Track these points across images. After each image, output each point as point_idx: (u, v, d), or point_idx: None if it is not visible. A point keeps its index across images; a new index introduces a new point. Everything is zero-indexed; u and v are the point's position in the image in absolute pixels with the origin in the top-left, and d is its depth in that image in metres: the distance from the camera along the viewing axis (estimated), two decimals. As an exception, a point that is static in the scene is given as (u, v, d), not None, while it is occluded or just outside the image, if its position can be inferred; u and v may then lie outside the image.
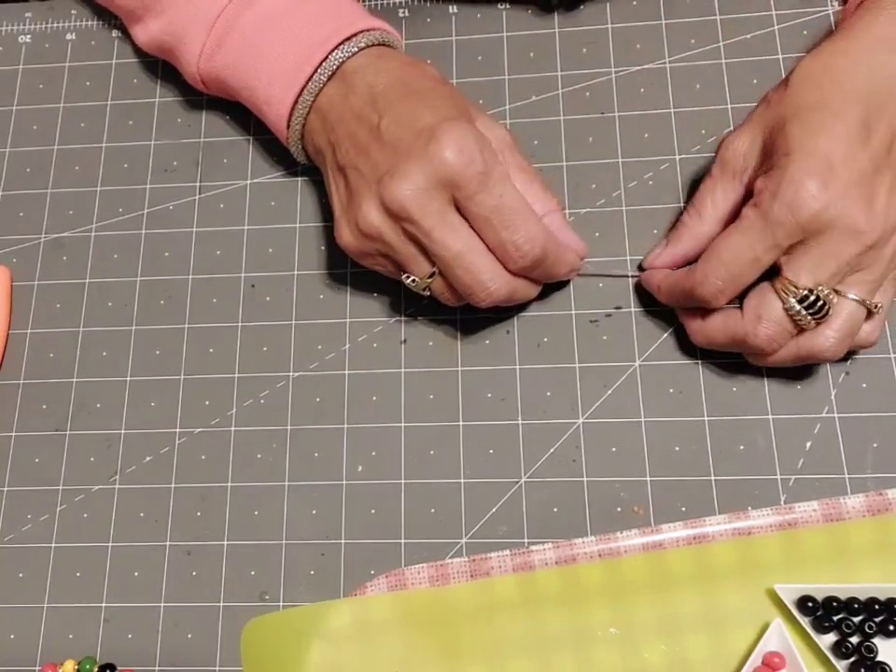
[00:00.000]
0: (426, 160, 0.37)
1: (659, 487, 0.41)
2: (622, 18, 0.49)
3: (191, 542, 0.43)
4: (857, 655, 0.36)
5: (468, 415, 0.43)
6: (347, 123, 0.41)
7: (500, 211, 0.38)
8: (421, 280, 0.40)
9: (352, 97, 0.41)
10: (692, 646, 0.37)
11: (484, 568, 0.38)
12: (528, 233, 0.38)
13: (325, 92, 0.42)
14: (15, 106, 0.52)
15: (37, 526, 0.44)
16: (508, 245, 0.38)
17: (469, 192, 0.37)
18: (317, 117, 0.43)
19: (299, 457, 0.43)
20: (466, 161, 0.37)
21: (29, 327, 0.47)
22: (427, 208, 0.37)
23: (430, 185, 0.37)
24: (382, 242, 0.39)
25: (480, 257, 0.38)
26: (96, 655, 0.41)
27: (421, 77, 0.41)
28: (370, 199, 0.39)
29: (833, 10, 0.48)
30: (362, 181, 0.39)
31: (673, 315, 0.43)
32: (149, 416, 0.45)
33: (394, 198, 0.37)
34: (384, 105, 0.40)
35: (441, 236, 0.38)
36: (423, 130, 0.38)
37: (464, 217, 0.38)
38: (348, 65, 0.42)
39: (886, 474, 0.40)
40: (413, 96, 0.40)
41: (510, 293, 0.39)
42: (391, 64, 0.42)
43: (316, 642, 0.38)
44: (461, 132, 0.37)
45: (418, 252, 0.39)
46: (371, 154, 0.39)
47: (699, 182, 0.42)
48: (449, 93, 0.41)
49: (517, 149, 0.42)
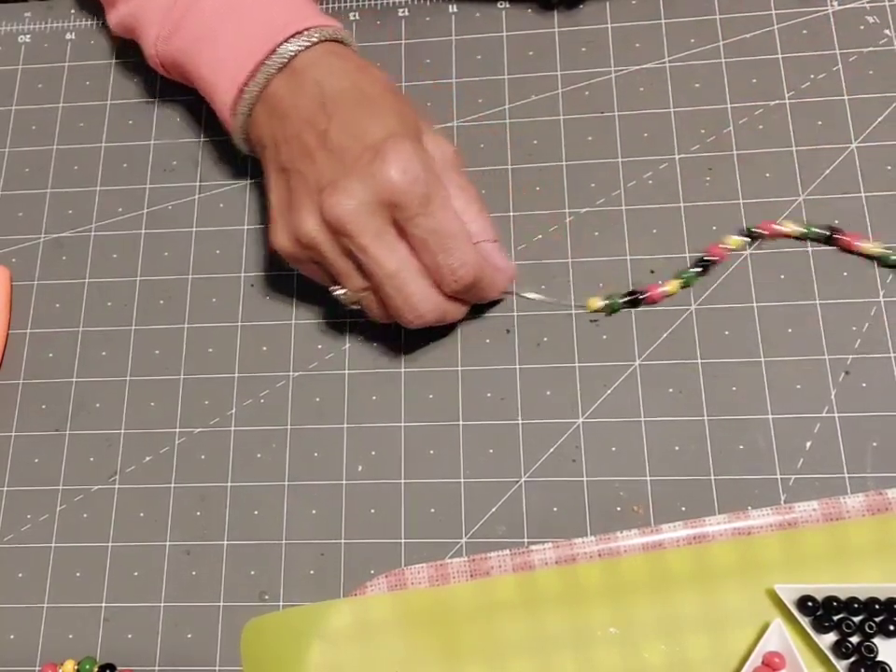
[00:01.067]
0: (369, 177, 0.37)
1: (659, 487, 0.41)
2: (621, 17, 0.49)
3: (191, 542, 0.43)
4: (857, 655, 0.36)
5: (467, 415, 0.43)
6: (294, 123, 0.40)
7: (438, 234, 0.38)
8: (352, 294, 0.40)
9: (301, 95, 0.41)
10: (692, 646, 0.37)
11: (484, 568, 0.38)
12: (464, 258, 0.38)
13: (273, 85, 0.42)
14: (14, 106, 0.52)
15: (37, 526, 0.44)
16: (443, 268, 0.38)
17: (410, 214, 0.38)
18: (264, 109, 0.42)
19: (299, 457, 0.43)
20: (409, 182, 0.37)
21: (29, 327, 0.47)
22: (366, 225, 0.37)
23: (371, 202, 0.37)
24: (317, 252, 0.39)
25: (413, 278, 0.39)
26: (96, 655, 0.41)
27: (372, 83, 0.41)
28: (309, 208, 0.39)
29: (832, 10, 0.48)
30: (304, 188, 0.39)
31: (673, 315, 0.43)
32: (149, 416, 0.45)
33: (333, 212, 0.37)
34: (333, 109, 0.40)
35: (376, 254, 0.38)
36: (370, 144, 0.38)
37: (403, 237, 0.39)
38: (299, 60, 0.42)
39: (886, 474, 0.40)
40: (363, 104, 0.40)
41: (439, 316, 0.40)
42: (343, 65, 0.41)
43: (316, 642, 0.38)
44: (407, 152, 0.37)
45: (352, 267, 0.39)
46: (315, 160, 0.39)
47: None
48: (399, 104, 0.41)
49: (460, 167, 0.42)
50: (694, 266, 0.44)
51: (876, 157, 0.45)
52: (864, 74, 0.47)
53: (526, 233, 0.46)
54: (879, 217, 0.44)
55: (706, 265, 0.44)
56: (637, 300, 0.43)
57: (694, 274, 0.43)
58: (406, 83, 0.49)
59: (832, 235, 0.43)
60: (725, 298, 0.44)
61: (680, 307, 0.44)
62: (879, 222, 0.44)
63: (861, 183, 0.45)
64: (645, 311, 0.44)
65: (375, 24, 0.51)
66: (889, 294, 0.43)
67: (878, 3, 0.48)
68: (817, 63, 0.47)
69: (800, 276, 0.43)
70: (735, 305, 0.43)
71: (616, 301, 0.43)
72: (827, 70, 0.47)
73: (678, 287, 0.43)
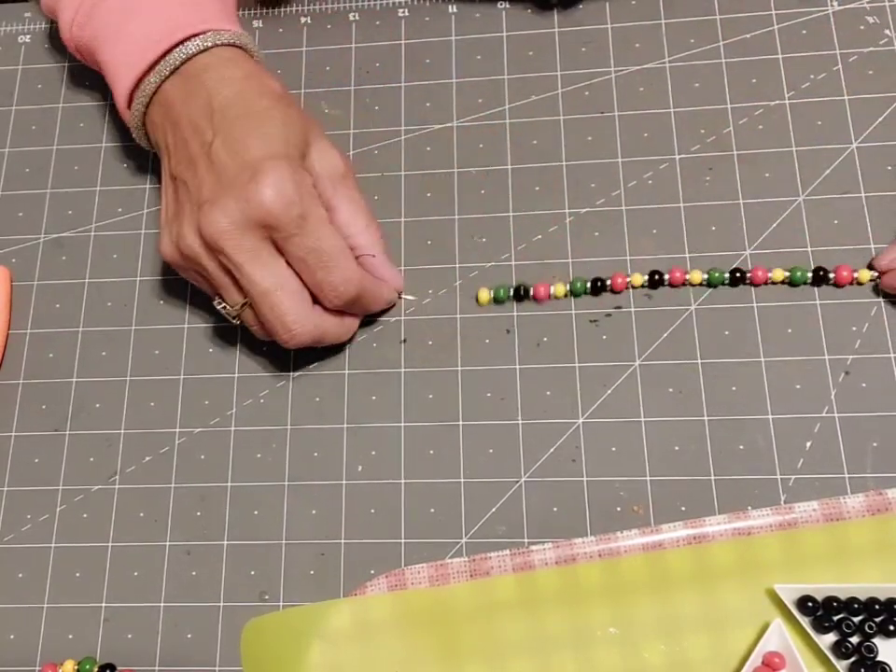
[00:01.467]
0: (244, 198, 0.38)
1: (659, 487, 0.41)
2: (621, 17, 0.49)
3: (191, 542, 0.43)
4: (857, 655, 0.36)
5: (467, 415, 0.43)
6: (184, 130, 0.41)
7: (317, 253, 0.39)
8: (232, 308, 0.41)
9: (191, 103, 0.41)
10: (692, 646, 0.37)
11: (484, 568, 0.38)
12: (344, 275, 0.39)
13: (166, 87, 0.42)
14: (14, 106, 0.52)
15: (37, 526, 0.44)
16: (324, 285, 0.39)
17: (286, 234, 0.38)
18: (159, 110, 0.43)
19: (299, 457, 0.43)
20: (283, 204, 0.37)
21: (29, 327, 0.47)
22: (241, 244, 0.38)
23: (246, 222, 0.38)
24: (198, 265, 0.40)
25: (288, 297, 0.39)
26: (96, 655, 0.41)
27: (259, 96, 0.41)
28: (190, 222, 0.40)
29: (832, 10, 0.48)
30: (186, 200, 0.40)
31: (673, 315, 0.43)
32: (149, 416, 0.45)
33: (209, 230, 0.38)
34: (219, 121, 0.40)
35: (250, 272, 0.38)
36: (248, 163, 0.38)
37: (283, 255, 0.39)
38: (192, 64, 0.42)
39: (886, 474, 0.40)
40: (247, 118, 0.40)
41: (316, 338, 0.40)
42: (234, 73, 0.42)
43: (316, 642, 0.38)
44: (281, 174, 0.38)
45: (231, 282, 0.40)
46: (198, 171, 0.40)
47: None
48: (285, 118, 0.41)
49: (350, 178, 0.42)
50: (588, 283, 0.44)
51: (876, 157, 0.45)
52: (864, 74, 0.47)
53: (526, 233, 0.46)
54: (879, 218, 0.44)
55: (598, 288, 0.44)
56: (525, 294, 0.44)
57: (582, 287, 0.44)
58: (406, 83, 0.49)
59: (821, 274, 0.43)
60: (725, 298, 0.44)
61: (680, 307, 0.44)
62: (879, 222, 0.44)
63: (861, 183, 0.45)
64: (645, 311, 0.44)
65: (375, 24, 0.51)
66: (889, 294, 0.43)
67: (878, 3, 0.48)
68: (817, 62, 0.47)
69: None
70: (735, 305, 0.43)
71: (501, 292, 0.44)
72: (827, 70, 0.47)
73: (563, 292, 0.44)
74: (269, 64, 0.51)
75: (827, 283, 0.43)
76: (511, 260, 0.45)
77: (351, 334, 0.43)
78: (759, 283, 0.43)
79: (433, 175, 0.47)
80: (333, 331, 0.41)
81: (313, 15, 0.52)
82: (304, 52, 0.51)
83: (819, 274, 0.43)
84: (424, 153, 0.48)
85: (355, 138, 0.49)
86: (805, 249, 0.44)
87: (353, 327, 0.43)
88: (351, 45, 0.51)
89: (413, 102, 0.49)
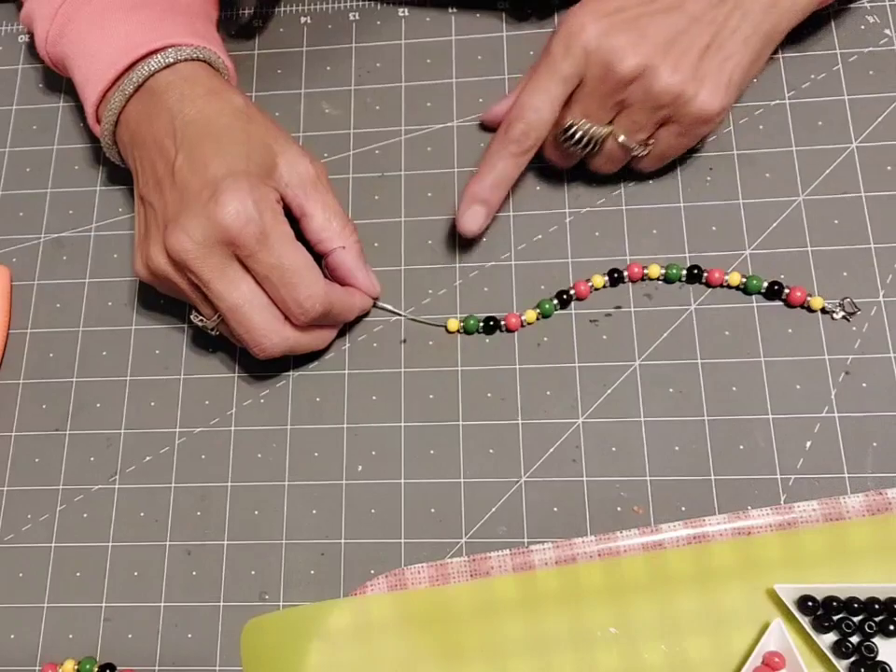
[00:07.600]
0: (205, 217, 0.38)
1: (659, 487, 0.41)
2: (621, 17, 0.49)
3: (191, 542, 0.43)
4: (857, 655, 0.36)
5: (467, 415, 0.43)
6: (149, 150, 0.41)
7: (279, 270, 0.39)
8: (209, 321, 0.41)
9: (156, 122, 0.41)
10: (692, 646, 0.37)
11: (484, 568, 0.38)
12: (308, 291, 0.39)
13: (132, 107, 0.43)
14: (15, 106, 0.52)
15: (37, 526, 0.44)
16: (288, 301, 0.39)
17: (248, 252, 0.38)
18: (125, 131, 0.43)
19: (299, 457, 0.43)
20: (242, 222, 0.38)
21: (29, 326, 0.47)
22: (207, 261, 0.38)
23: (209, 241, 0.38)
24: (170, 283, 0.41)
25: (256, 312, 0.39)
26: (96, 655, 0.41)
27: (220, 113, 0.41)
28: (158, 242, 0.40)
29: (832, 10, 0.48)
30: (153, 221, 0.41)
31: (673, 315, 0.43)
32: (149, 416, 0.45)
33: (174, 249, 0.39)
34: (181, 140, 0.40)
35: (217, 288, 0.39)
36: (208, 182, 0.39)
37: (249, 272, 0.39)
38: (156, 81, 0.42)
39: (886, 474, 0.40)
40: (209, 138, 0.40)
41: (287, 349, 0.41)
42: (196, 91, 0.41)
43: (316, 642, 0.38)
44: (241, 193, 0.38)
45: (203, 298, 0.40)
46: (163, 192, 0.40)
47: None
48: (247, 134, 0.41)
49: (321, 183, 0.42)
50: (553, 298, 0.44)
51: (876, 157, 0.45)
52: (864, 74, 0.47)
53: (526, 233, 0.46)
54: (879, 218, 0.44)
55: (565, 300, 0.44)
56: (494, 325, 0.44)
57: (552, 307, 0.44)
58: (406, 83, 0.49)
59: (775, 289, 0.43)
60: (725, 298, 0.44)
61: (680, 307, 0.44)
62: (879, 222, 0.44)
63: (860, 183, 0.45)
64: (645, 311, 0.44)
65: (375, 24, 0.51)
66: (889, 294, 0.43)
67: (878, 3, 0.48)
68: (817, 62, 0.47)
69: (800, 277, 0.43)
70: (734, 305, 0.43)
71: (472, 323, 0.44)
72: (827, 70, 0.47)
73: (534, 317, 0.44)
74: (269, 64, 0.51)
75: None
76: (510, 260, 0.45)
77: (328, 343, 0.43)
78: (715, 284, 0.43)
79: (433, 175, 0.47)
80: (305, 343, 0.42)
81: (313, 15, 0.52)
82: (304, 52, 0.51)
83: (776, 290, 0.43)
84: (424, 153, 0.48)
85: (355, 138, 0.49)
86: (806, 249, 0.44)
87: (328, 337, 0.43)
88: (351, 45, 0.51)
89: (413, 102, 0.49)
